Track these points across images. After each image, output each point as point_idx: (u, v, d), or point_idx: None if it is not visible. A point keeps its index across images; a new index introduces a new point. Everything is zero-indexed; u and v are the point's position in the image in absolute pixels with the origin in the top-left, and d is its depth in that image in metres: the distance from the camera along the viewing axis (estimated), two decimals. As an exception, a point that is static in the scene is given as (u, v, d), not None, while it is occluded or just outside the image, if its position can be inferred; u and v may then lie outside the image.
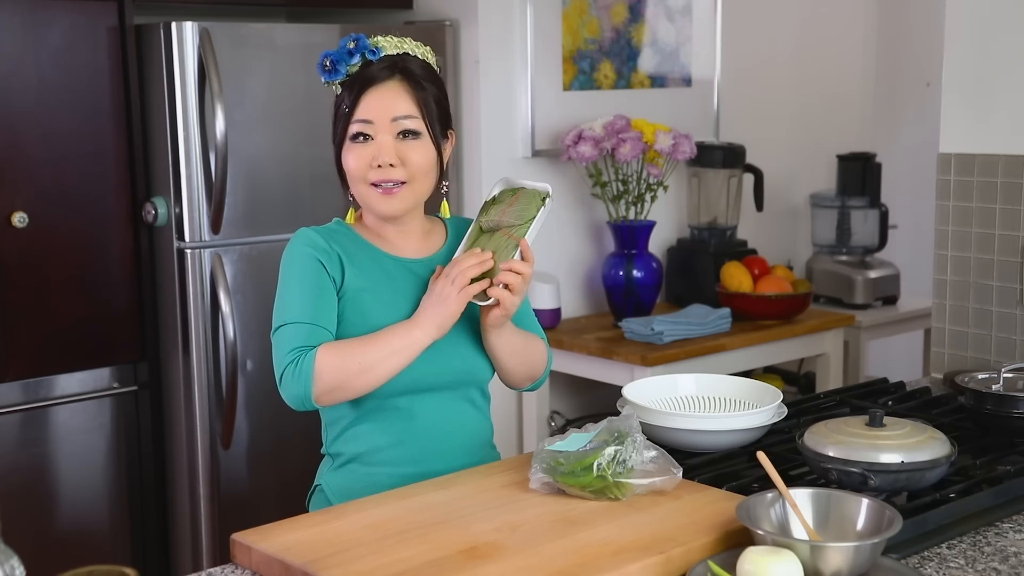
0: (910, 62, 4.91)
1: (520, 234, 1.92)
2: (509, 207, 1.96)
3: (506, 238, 1.93)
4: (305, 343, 1.86)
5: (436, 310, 1.87)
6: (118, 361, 3.26)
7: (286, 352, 1.86)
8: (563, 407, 3.82)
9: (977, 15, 2.66)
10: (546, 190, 1.96)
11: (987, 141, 2.64)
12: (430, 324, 1.87)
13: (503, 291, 1.87)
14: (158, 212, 3.18)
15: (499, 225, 1.94)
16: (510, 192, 1.99)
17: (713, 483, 1.83)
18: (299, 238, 1.94)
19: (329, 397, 1.87)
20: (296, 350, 1.85)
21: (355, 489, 1.92)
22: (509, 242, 1.92)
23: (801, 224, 4.44)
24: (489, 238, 1.94)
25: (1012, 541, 1.70)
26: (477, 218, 1.99)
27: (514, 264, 1.88)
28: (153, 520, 3.34)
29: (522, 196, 1.97)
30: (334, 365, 1.83)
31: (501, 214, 1.95)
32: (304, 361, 1.84)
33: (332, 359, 1.84)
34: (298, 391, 1.84)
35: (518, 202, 1.96)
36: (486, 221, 1.96)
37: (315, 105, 3.22)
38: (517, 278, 1.88)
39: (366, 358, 1.85)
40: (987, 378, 2.15)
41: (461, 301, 1.87)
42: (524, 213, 1.94)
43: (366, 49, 1.92)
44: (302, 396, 1.85)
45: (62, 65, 3.06)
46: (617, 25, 3.84)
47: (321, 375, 1.83)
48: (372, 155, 1.90)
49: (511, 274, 1.88)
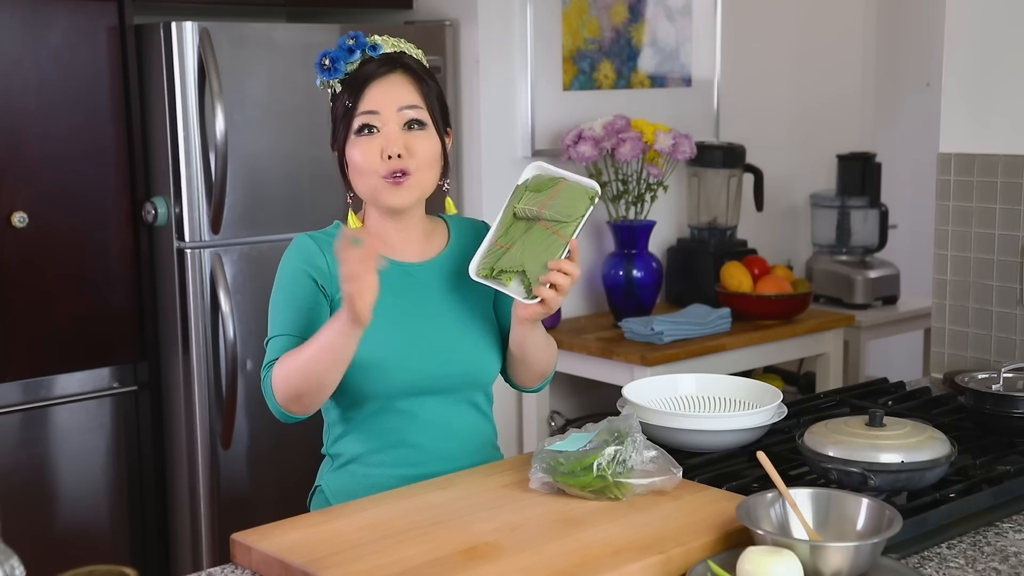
0: (910, 62, 4.91)
1: (567, 232, 1.86)
2: (551, 199, 1.88)
3: (550, 234, 1.86)
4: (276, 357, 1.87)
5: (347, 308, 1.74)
6: (118, 361, 3.26)
7: (264, 366, 1.89)
8: (563, 407, 3.82)
9: (977, 15, 2.66)
10: (595, 189, 1.89)
11: (987, 141, 2.64)
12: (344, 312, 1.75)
13: (551, 292, 1.83)
14: (158, 212, 3.18)
15: (539, 216, 1.87)
16: (549, 181, 1.90)
17: (713, 483, 1.83)
18: (294, 248, 1.92)
19: (295, 407, 1.85)
20: (270, 364, 1.87)
21: (354, 490, 1.91)
22: (556, 240, 1.85)
23: (801, 224, 4.44)
24: (526, 229, 1.87)
25: (1012, 541, 1.70)
26: (510, 202, 1.90)
27: (563, 265, 1.83)
28: (153, 520, 3.34)
29: (565, 189, 1.89)
30: (282, 375, 1.83)
31: (542, 205, 1.87)
32: (267, 377, 1.86)
33: (281, 370, 1.83)
34: (270, 405, 1.88)
35: (560, 195, 1.88)
36: (522, 209, 1.88)
37: (315, 105, 3.21)
38: (566, 279, 1.84)
39: (300, 361, 1.80)
40: (987, 378, 2.15)
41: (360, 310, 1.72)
42: (570, 210, 1.87)
43: (365, 46, 1.91)
44: (274, 410, 1.88)
45: (62, 65, 3.06)
46: (617, 25, 3.84)
47: (277, 387, 1.84)
48: (380, 146, 1.88)
49: (560, 275, 1.83)
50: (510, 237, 1.88)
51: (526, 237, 1.87)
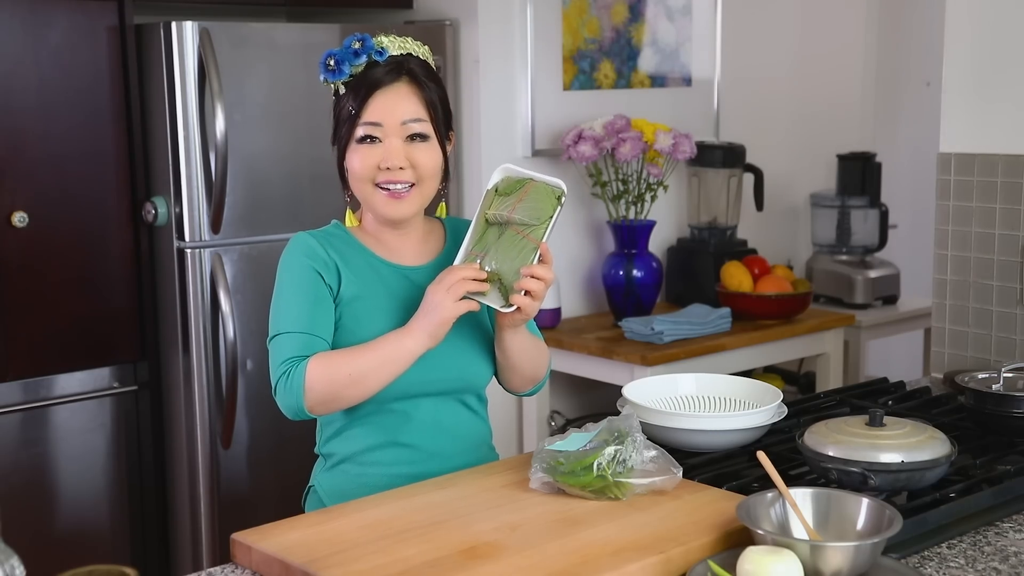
0: (910, 62, 4.91)
1: (537, 236, 1.85)
2: (519, 202, 1.87)
3: (521, 239, 1.85)
4: (299, 353, 1.85)
5: (428, 319, 1.83)
6: (118, 361, 3.26)
7: (280, 363, 1.86)
8: (563, 407, 3.82)
9: (977, 15, 2.66)
10: (561, 188, 1.89)
11: (987, 141, 2.64)
12: (421, 333, 1.84)
13: (525, 298, 1.83)
14: (158, 212, 3.18)
15: (509, 221, 1.86)
16: (517, 184, 1.89)
17: (713, 483, 1.83)
18: (296, 244, 1.92)
19: (322, 408, 1.86)
20: (289, 360, 1.84)
21: (347, 490, 1.91)
22: (526, 245, 1.85)
23: (801, 224, 4.44)
24: (498, 234, 1.86)
25: (1012, 541, 1.70)
26: (481, 208, 1.89)
27: (535, 270, 1.83)
28: (153, 520, 3.34)
29: (532, 191, 1.88)
30: (324, 377, 1.82)
31: (511, 209, 1.86)
32: (296, 373, 1.83)
33: (322, 371, 1.82)
34: (291, 403, 1.84)
35: (528, 198, 1.87)
36: (493, 214, 1.87)
37: (315, 105, 3.21)
38: (540, 284, 1.84)
39: (356, 368, 1.83)
40: (987, 378, 2.15)
41: (455, 311, 1.83)
42: (538, 212, 1.86)
43: (372, 50, 1.89)
44: (295, 408, 1.85)
45: (62, 65, 3.06)
46: (617, 25, 3.84)
47: (312, 387, 1.82)
48: (380, 157, 1.88)
49: (533, 280, 1.83)
50: (484, 245, 1.87)
51: (499, 244, 1.86)
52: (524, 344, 1.96)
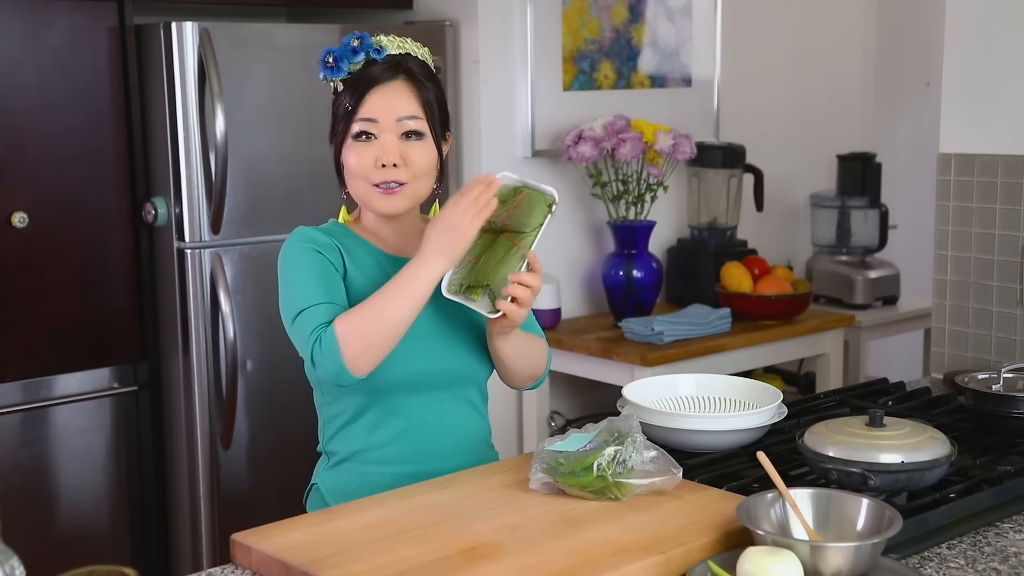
0: (910, 62, 4.91)
1: (527, 243, 1.87)
2: (513, 209, 1.89)
3: (511, 245, 1.88)
4: (324, 320, 1.82)
5: (446, 238, 1.81)
6: (118, 361, 3.26)
7: (308, 335, 1.82)
8: (563, 407, 3.82)
9: (977, 15, 2.66)
10: (552, 196, 1.89)
11: (987, 141, 2.64)
12: (438, 255, 1.81)
13: (511, 305, 1.84)
14: (158, 212, 3.18)
15: (502, 228, 1.89)
16: (512, 192, 1.91)
17: (713, 483, 1.83)
18: (296, 235, 1.93)
19: (363, 361, 1.80)
20: (317, 328, 1.82)
21: (350, 488, 1.92)
22: (515, 251, 1.87)
23: (801, 224, 4.44)
24: (491, 242, 1.90)
25: (1012, 541, 1.70)
26: None
27: (523, 277, 1.84)
28: (153, 520, 3.34)
29: (525, 199, 1.90)
30: (352, 327, 1.79)
31: (505, 216, 1.89)
32: (326, 336, 1.80)
33: (349, 323, 1.80)
34: (331, 366, 1.80)
35: (522, 205, 1.89)
36: (488, 221, 1.88)
37: (315, 105, 3.21)
38: (527, 291, 1.84)
39: (376, 304, 1.80)
40: (987, 378, 2.15)
41: (473, 228, 1.82)
42: (529, 219, 1.88)
43: (370, 48, 1.90)
44: (337, 370, 1.80)
45: (62, 65, 3.06)
46: (617, 25, 3.84)
47: (344, 340, 1.79)
48: (375, 154, 1.89)
49: (520, 287, 1.84)
50: (476, 251, 1.89)
51: (491, 250, 1.89)
52: (517, 347, 1.96)
